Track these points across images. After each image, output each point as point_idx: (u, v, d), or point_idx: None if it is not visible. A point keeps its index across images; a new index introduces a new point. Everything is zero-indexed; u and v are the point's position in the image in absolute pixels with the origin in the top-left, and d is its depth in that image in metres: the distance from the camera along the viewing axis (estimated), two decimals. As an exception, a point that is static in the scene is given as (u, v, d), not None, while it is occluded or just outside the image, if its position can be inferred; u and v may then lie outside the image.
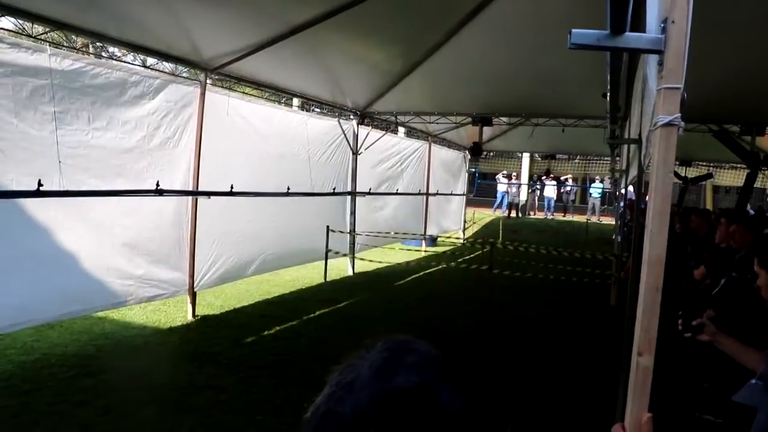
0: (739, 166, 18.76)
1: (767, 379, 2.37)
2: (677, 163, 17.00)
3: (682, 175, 13.72)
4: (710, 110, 10.31)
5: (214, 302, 9.61)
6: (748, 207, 11.90)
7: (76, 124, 6.52)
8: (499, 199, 27.73)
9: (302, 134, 11.14)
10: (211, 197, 8.32)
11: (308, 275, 12.49)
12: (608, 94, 6.26)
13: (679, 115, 1.45)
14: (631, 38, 1.63)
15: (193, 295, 8.65)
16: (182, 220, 8.30)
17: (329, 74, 10.03)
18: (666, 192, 1.44)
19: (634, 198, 15.17)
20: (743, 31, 6.64)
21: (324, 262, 12.15)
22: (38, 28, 6.45)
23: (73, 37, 13.06)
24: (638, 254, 3.08)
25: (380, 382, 0.93)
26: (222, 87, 10.31)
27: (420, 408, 0.90)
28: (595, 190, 28.08)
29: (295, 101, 15.31)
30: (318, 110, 16.63)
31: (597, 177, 28.77)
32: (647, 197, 1.56)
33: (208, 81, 8.57)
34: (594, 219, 26.85)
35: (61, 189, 6.27)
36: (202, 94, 8.32)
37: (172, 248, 8.13)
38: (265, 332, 8.13)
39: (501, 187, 27.86)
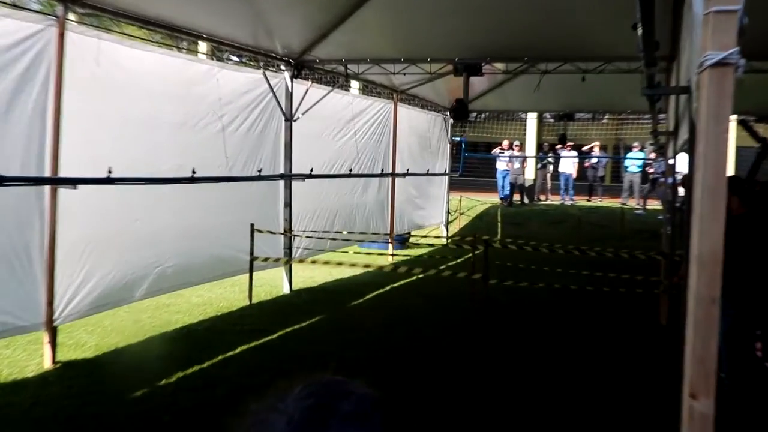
0: None
1: None
2: (753, 119, 17.19)
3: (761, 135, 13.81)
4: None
5: (87, 341, 9.43)
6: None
7: None
8: (501, 182, 27.87)
9: (212, 94, 11.01)
10: (78, 186, 8.09)
11: (226, 296, 12.38)
12: (639, 25, 6.22)
13: (736, 49, 1.38)
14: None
15: (53, 332, 8.44)
16: (31, 220, 8.07)
17: (249, 6, 9.96)
18: (719, 160, 1.40)
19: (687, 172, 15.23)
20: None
21: (248, 275, 12.05)
22: None
23: None
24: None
25: None
26: (91, 26, 10.04)
27: None
28: (633, 162, 28.37)
29: (202, 46, 15.11)
30: (235, 59, 16.47)
31: (635, 144, 29.03)
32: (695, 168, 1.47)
33: (70, 16, 8.35)
34: (632, 203, 27.22)
35: None
36: (61, 35, 8.08)
37: (13, 262, 7.89)
38: (164, 381, 7.98)
39: (501, 165, 27.99)
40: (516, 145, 28.16)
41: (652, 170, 26.39)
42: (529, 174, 29.89)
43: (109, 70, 8.91)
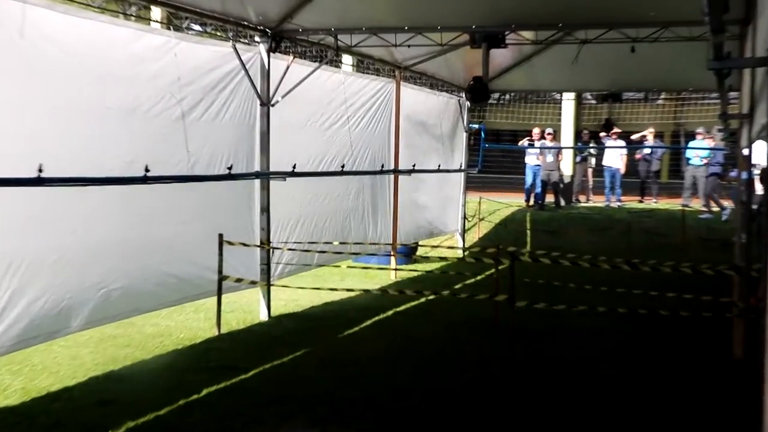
0: None
1: None
2: None
3: None
4: None
5: (11, 383, 9.33)
6: None
7: None
8: (530, 182, 27.68)
9: (169, 72, 10.90)
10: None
11: (188, 324, 12.35)
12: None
13: None
14: None
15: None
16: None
17: None
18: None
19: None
20: None
21: (216, 299, 11.96)
22: None
23: None
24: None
25: None
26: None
27: None
28: (696, 153, 28.06)
29: (156, 12, 14.98)
30: (197, 28, 16.33)
31: (699, 130, 28.73)
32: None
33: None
34: (696, 204, 26.99)
35: None
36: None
37: None
38: (109, 433, 7.91)
39: (531, 158, 27.79)
40: (549, 134, 28.00)
41: (705, 160, 26.24)
42: (566, 169, 29.75)
43: (36, 42, 8.80)
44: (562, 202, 28.02)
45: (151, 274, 10.81)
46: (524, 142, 28.28)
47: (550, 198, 27.65)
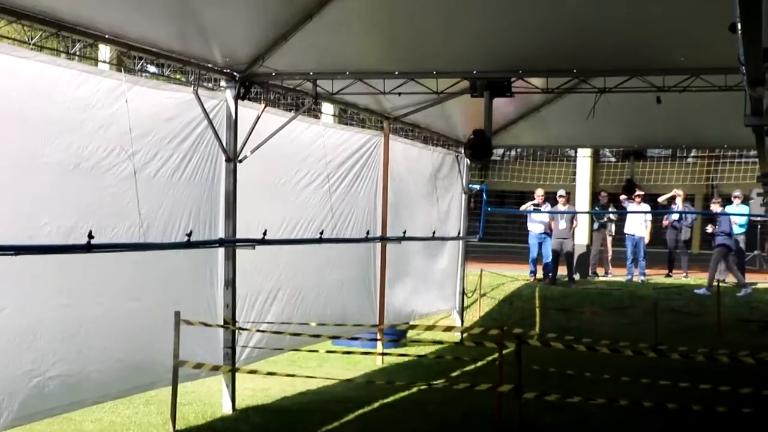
0: None
1: None
2: None
3: None
4: None
5: None
6: None
7: None
8: (535, 253, 27.63)
9: (120, 121, 10.88)
10: None
11: (137, 420, 12.23)
12: (739, 25, 6.07)
13: None
14: None
15: None
16: None
17: None
18: None
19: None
20: None
21: (171, 389, 11.77)
22: None
23: None
24: None
25: None
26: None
27: None
28: (734, 220, 28.03)
29: (104, 52, 15.01)
30: (153, 70, 16.34)
31: (735, 193, 28.77)
32: None
33: None
34: (732, 279, 26.89)
35: None
36: None
37: None
38: None
39: (535, 227, 27.76)
40: (561, 197, 28.00)
41: (711, 229, 26.31)
42: (581, 237, 29.73)
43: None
44: (576, 276, 27.96)
45: (94, 359, 10.67)
46: (528, 206, 28.27)
47: (562, 270, 27.59)
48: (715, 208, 26.91)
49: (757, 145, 13.82)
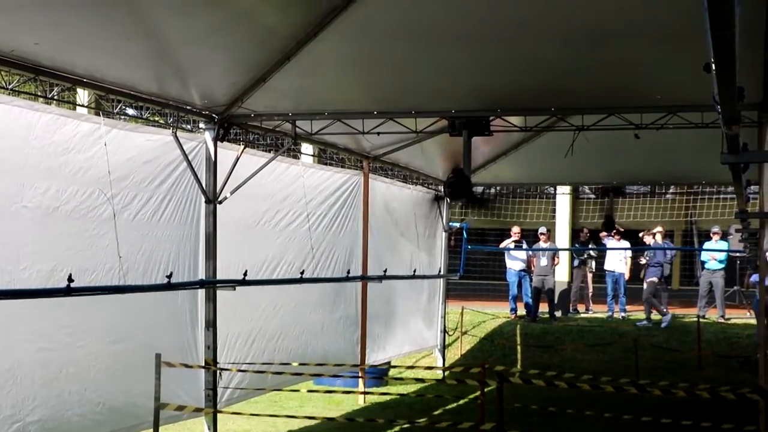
0: None
1: None
2: None
3: None
4: None
5: None
6: None
7: None
8: (515, 288, 27.57)
9: (98, 165, 10.90)
10: None
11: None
12: (713, 65, 6.14)
13: None
14: None
15: None
16: None
17: (152, 38, 9.98)
18: None
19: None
20: None
21: (153, 431, 11.68)
22: None
23: None
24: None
25: None
26: None
27: None
28: (712, 256, 28.10)
29: (83, 95, 15.00)
30: (131, 113, 16.33)
31: (714, 229, 28.80)
32: None
33: None
34: (713, 315, 27.03)
35: None
36: None
37: None
38: None
39: (514, 264, 27.70)
40: (542, 234, 27.96)
41: (644, 260, 26.49)
42: (561, 274, 29.72)
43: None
44: (558, 313, 27.92)
45: (75, 402, 10.60)
46: (509, 242, 28.20)
47: (543, 307, 27.52)
48: (648, 239, 27.14)
49: (734, 181, 13.86)
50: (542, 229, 28.14)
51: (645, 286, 26.58)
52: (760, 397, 11.34)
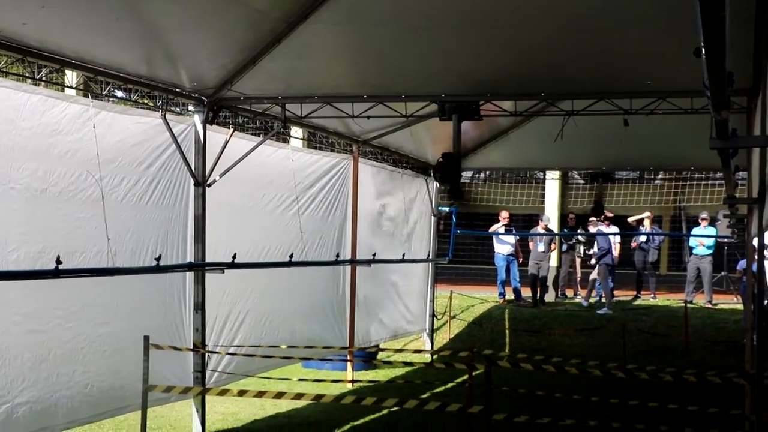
0: None
1: None
2: None
3: None
4: None
5: None
6: None
7: None
8: (503, 273, 27.57)
9: (87, 146, 10.87)
10: None
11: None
12: (703, 50, 6.13)
13: None
14: None
15: None
16: None
17: (140, 19, 9.95)
18: None
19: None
20: None
21: (141, 413, 11.64)
22: None
23: None
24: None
25: None
26: None
27: None
28: (701, 241, 28.10)
29: (71, 77, 14.90)
30: (121, 95, 16.26)
31: (703, 215, 28.78)
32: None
33: None
34: (700, 301, 27.18)
35: None
36: None
37: None
38: None
39: (502, 248, 27.70)
40: (542, 221, 27.99)
41: (591, 251, 26.89)
42: (551, 260, 29.72)
43: None
44: (546, 297, 27.97)
45: (63, 384, 10.59)
46: (498, 227, 28.16)
47: (528, 291, 27.55)
48: (591, 226, 27.37)
49: (723, 167, 13.86)
50: (545, 218, 28.09)
51: (597, 270, 26.84)
52: (745, 381, 11.38)
